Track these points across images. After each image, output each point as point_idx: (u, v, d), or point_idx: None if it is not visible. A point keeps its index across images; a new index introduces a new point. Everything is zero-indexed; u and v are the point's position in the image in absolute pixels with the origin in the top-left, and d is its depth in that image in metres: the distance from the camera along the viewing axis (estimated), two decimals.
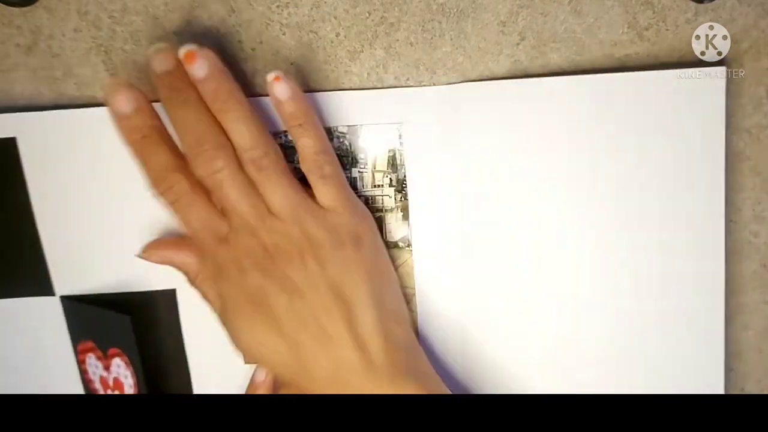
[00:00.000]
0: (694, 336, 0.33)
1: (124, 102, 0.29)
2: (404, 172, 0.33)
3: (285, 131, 0.32)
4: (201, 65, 0.28)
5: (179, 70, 0.28)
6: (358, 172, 0.33)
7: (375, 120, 0.32)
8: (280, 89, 0.29)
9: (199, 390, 0.35)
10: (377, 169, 0.33)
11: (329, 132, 0.32)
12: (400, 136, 0.32)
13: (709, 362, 0.33)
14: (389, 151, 0.33)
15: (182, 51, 0.28)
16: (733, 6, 0.31)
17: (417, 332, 0.34)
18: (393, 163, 0.33)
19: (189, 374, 0.35)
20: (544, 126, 0.32)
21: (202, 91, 0.28)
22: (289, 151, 0.32)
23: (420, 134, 0.32)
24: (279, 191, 0.29)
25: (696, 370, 0.34)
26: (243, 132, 0.28)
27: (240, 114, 0.29)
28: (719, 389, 0.33)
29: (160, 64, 0.28)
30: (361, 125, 0.32)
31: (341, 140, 0.32)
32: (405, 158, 0.33)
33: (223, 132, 0.29)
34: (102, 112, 0.31)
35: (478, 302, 0.34)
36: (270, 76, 0.29)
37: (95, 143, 0.32)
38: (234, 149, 0.29)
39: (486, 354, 0.34)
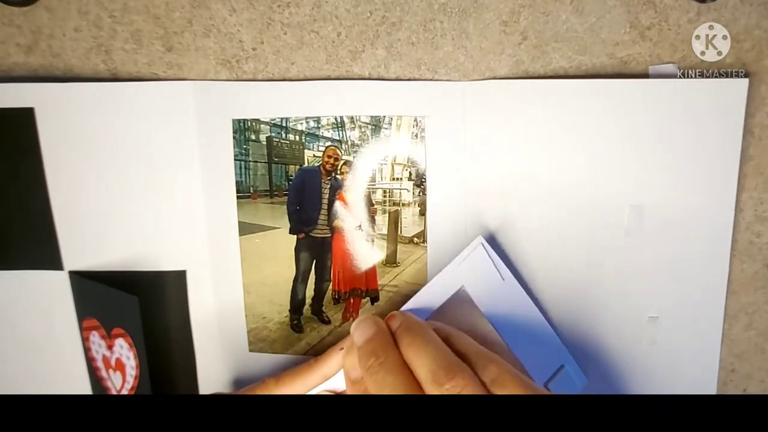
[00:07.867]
0: (695, 335, 0.33)
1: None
2: (425, 167, 0.32)
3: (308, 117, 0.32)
4: (397, 319, 0.29)
5: (379, 335, 0.29)
6: (378, 163, 0.32)
7: (399, 111, 0.32)
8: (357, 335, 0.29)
9: (202, 377, 0.35)
10: (397, 161, 0.32)
11: (352, 121, 0.32)
12: (423, 130, 0.32)
13: (708, 362, 0.34)
14: (411, 144, 0.32)
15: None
16: (735, 6, 0.31)
17: None
18: (413, 157, 0.32)
19: (194, 359, 0.34)
20: (571, 125, 0.32)
21: (399, 335, 0.29)
22: (309, 138, 0.32)
23: (444, 129, 0.32)
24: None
25: (694, 370, 0.34)
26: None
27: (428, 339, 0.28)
28: (712, 389, 0.34)
29: (363, 333, 0.29)
30: (384, 116, 0.32)
31: (363, 130, 0.32)
32: (427, 152, 0.32)
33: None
34: (121, 87, 0.30)
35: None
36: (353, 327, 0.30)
37: (113, 118, 0.32)
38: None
39: None
